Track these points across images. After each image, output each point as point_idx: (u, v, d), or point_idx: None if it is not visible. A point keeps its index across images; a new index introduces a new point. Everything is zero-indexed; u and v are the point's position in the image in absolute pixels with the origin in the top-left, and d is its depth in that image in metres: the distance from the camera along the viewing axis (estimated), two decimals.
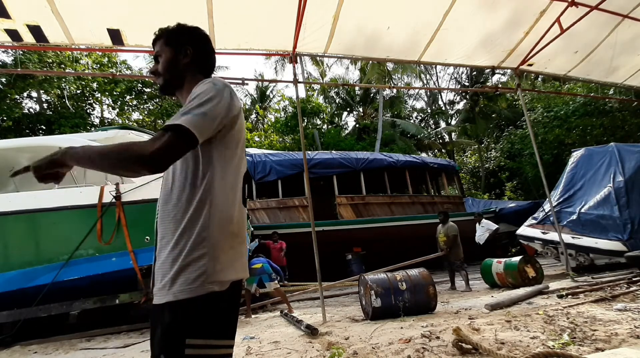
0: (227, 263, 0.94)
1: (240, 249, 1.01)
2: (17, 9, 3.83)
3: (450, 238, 6.75)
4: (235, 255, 0.98)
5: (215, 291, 0.90)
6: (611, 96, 12.45)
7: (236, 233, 0.99)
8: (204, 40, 1.17)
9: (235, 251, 0.99)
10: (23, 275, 4.94)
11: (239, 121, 1.03)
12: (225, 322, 0.94)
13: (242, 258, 1.01)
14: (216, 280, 0.91)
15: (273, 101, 27.90)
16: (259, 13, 4.45)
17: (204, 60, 1.16)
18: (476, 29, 5.45)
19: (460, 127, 26.03)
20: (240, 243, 1.01)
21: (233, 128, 1.01)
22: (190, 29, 1.16)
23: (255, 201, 10.64)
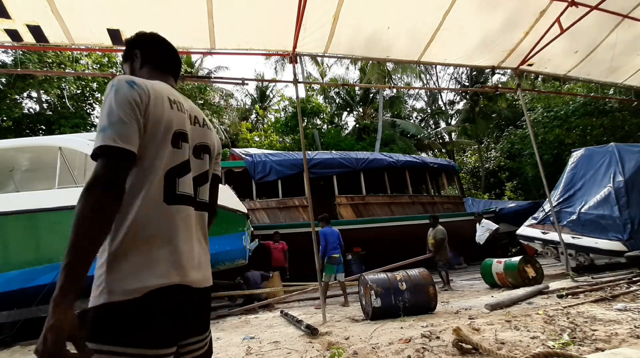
0: (133, 270, 0.85)
1: (161, 252, 0.90)
2: (17, 9, 3.83)
3: (437, 241, 7.07)
4: (151, 260, 0.88)
5: (119, 301, 0.83)
6: (611, 96, 12.46)
7: (154, 236, 0.90)
8: (150, 39, 1.16)
9: (152, 256, 0.89)
10: (23, 275, 4.94)
11: (150, 111, 0.93)
12: (138, 330, 0.83)
13: (163, 263, 0.89)
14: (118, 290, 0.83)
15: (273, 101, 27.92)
16: (259, 13, 4.45)
17: (154, 56, 1.14)
18: (476, 29, 5.45)
19: (460, 127, 26.03)
20: (161, 246, 0.90)
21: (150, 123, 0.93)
22: (135, 36, 1.16)
23: (255, 201, 10.64)
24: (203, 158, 1.10)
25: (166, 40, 1.20)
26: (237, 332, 4.40)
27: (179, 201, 0.96)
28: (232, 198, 6.10)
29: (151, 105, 0.93)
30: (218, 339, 4.06)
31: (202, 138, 1.10)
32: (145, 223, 0.89)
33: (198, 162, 1.07)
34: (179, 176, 0.97)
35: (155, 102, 0.95)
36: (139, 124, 0.90)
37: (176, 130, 0.98)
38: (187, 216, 0.98)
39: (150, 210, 0.90)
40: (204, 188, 1.09)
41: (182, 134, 1.00)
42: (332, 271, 5.91)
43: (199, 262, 1.00)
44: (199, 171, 1.07)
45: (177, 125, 0.99)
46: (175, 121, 0.99)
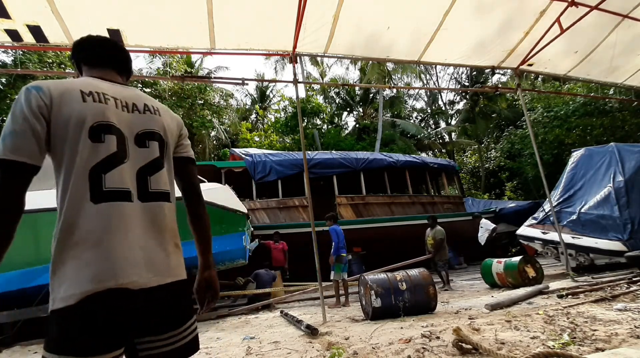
0: (68, 276, 0.86)
1: (90, 255, 0.87)
2: (17, 9, 3.83)
3: (437, 241, 7.09)
4: (80, 264, 0.86)
5: (59, 308, 0.85)
6: (611, 96, 12.46)
7: (83, 239, 0.87)
8: (81, 42, 1.14)
9: (81, 260, 0.86)
10: (23, 275, 4.94)
11: (54, 112, 0.90)
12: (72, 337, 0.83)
13: (94, 266, 0.86)
14: (57, 297, 0.86)
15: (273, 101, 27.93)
16: (259, 13, 4.45)
17: (87, 56, 1.12)
18: (476, 28, 5.45)
19: (460, 127, 26.04)
20: (90, 249, 0.87)
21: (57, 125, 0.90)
22: (72, 45, 1.17)
23: (255, 201, 10.64)
24: (149, 146, 1.03)
25: (99, 37, 1.16)
26: (237, 332, 4.40)
27: (107, 198, 0.91)
28: (232, 198, 6.10)
29: (55, 106, 0.90)
30: (218, 339, 4.06)
31: (144, 125, 1.03)
32: (72, 226, 0.88)
33: (142, 151, 1.01)
34: (105, 172, 0.92)
35: (61, 101, 0.91)
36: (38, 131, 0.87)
37: (93, 123, 0.93)
38: (122, 213, 0.92)
39: (75, 212, 0.89)
40: (157, 176, 1.02)
41: (104, 126, 0.94)
42: (340, 270, 5.94)
43: (147, 259, 0.94)
44: (145, 161, 1.01)
45: (94, 118, 0.93)
46: (91, 114, 0.93)
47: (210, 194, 5.73)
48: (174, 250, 1.03)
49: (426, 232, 7.45)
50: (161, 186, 1.03)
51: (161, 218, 1.01)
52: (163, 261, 0.98)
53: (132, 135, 1.00)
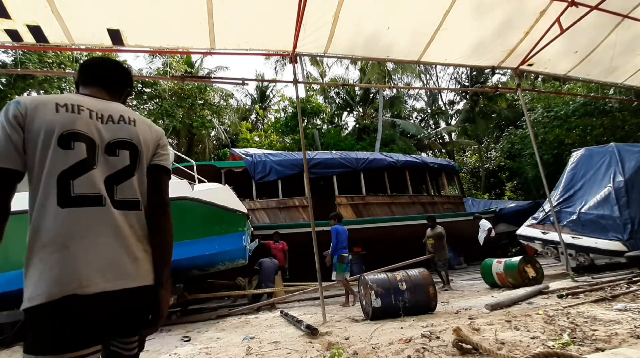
0: (35, 277, 0.89)
1: (54, 258, 0.90)
2: (17, 9, 3.83)
3: (436, 241, 7.11)
4: (45, 268, 0.89)
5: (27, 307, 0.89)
6: (611, 96, 12.45)
7: (49, 242, 0.91)
8: (80, 66, 1.22)
9: (46, 263, 0.89)
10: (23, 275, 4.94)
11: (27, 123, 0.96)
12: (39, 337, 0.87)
13: (56, 269, 0.89)
14: (26, 297, 0.90)
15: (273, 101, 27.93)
16: (259, 13, 4.45)
17: (81, 77, 1.19)
18: (476, 29, 5.45)
19: (460, 127, 26.04)
20: (55, 252, 0.90)
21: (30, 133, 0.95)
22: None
23: (255, 201, 10.64)
24: (119, 155, 1.06)
25: (94, 60, 1.23)
26: (237, 332, 4.40)
27: (75, 203, 0.95)
28: (232, 198, 6.10)
29: (29, 116, 0.96)
30: (218, 339, 4.06)
31: (116, 134, 1.07)
32: (39, 230, 0.92)
33: (112, 159, 1.04)
34: (74, 178, 0.96)
35: (35, 111, 0.97)
36: (15, 141, 0.93)
37: (63, 131, 0.97)
38: (93, 217, 0.96)
39: (43, 216, 0.92)
40: (126, 185, 1.05)
41: (72, 134, 0.98)
42: (342, 270, 5.94)
43: (113, 264, 0.97)
44: (114, 169, 1.04)
45: (63, 127, 0.98)
46: (60, 123, 0.98)
47: (210, 194, 5.73)
48: (143, 255, 1.04)
49: (426, 233, 7.48)
50: (128, 194, 1.05)
51: (129, 225, 1.03)
52: (129, 266, 1.00)
53: (103, 144, 1.04)
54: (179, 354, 3.55)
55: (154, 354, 3.70)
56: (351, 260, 9.98)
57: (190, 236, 5.44)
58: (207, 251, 5.54)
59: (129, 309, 0.99)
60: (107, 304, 0.94)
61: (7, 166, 0.92)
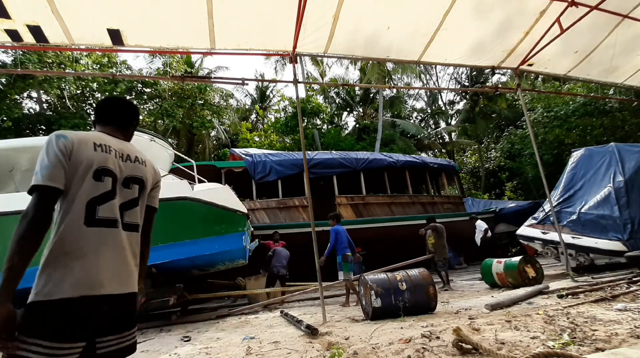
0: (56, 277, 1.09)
1: (75, 265, 1.12)
2: (17, 9, 3.83)
3: (437, 240, 7.11)
4: (66, 271, 1.10)
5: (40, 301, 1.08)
6: (611, 96, 12.45)
7: (70, 251, 1.12)
8: (98, 105, 1.48)
9: (67, 267, 1.11)
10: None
11: (73, 155, 1.19)
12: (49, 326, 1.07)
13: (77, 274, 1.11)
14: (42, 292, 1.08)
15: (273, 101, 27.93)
16: (259, 13, 4.45)
17: (99, 116, 1.45)
18: (476, 29, 5.45)
19: (460, 127, 26.04)
20: (75, 259, 1.12)
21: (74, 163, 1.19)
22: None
23: (255, 201, 10.64)
24: (132, 188, 1.33)
25: (108, 101, 1.49)
26: (237, 332, 4.40)
27: (98, 224, 1.19)
28: (232, 198, 6.10)
29: (74, 150, 1.20)
30: (218, 339, 4.06)
31: (132, 172, 1.34)
32: (65, 241, 1.13)
33: (126, 191, 1.31)
34: (100, 204, 1.21)
35: (79, 147, 1.21)
36: (64, 166, 1.16)
37: (97, 167, 1.22)
38: (108, 236, 1.21)
39: (70, 231, 1.15)
40: (132, 212, 1.32)
41: (104, 170, 1.24)
42: (348, 269, 5.93)
43: (117, 273, 1.20)
44: (126, 198, 1.30)
45: (99, 163, 1.23)
46: (97, 160, 1.23)
47: (210, 194, 5.73)
48: (134, 268, 1.30)
49: (427, 232, 7.46)
50: (132, 219, 1.32)
51: (130, 243, 1.28)
52: (127, 276, 1.25)
53: (122, 178, 1.30)
54: (179, 354, 3.55)
55: (154, 354, 3.70)
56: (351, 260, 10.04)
57: (190, 236, 5.45)
58: (207, 251, 5.54)
59: (123, 310, 1.23)
60: (109, 304, 1.16)
61: (56, 185, 1.14)
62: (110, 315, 1.18)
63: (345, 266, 5.96)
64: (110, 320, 1.18)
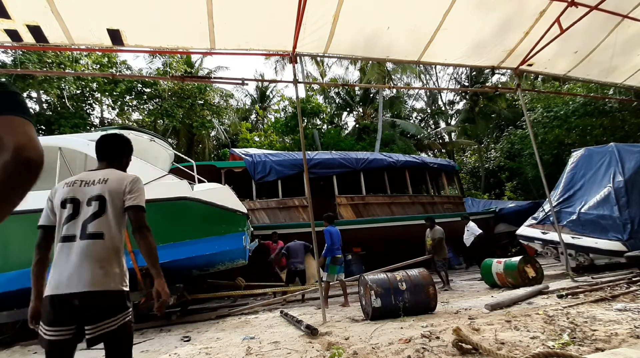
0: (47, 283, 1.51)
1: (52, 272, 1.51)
2: (17, 9, 3.83)
3: (436, 241, 7.14)
4: (49, 277, 1.51)
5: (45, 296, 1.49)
6: (611, 96, 12.46)
7: (54, 262, 1.53)
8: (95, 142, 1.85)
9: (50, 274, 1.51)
10: (23, 275, 4.93)
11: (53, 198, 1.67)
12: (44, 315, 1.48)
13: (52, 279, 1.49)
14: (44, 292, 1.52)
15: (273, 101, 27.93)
16: (259, 13, 4.45)
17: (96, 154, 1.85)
18: (476, 29, 5.46)
19: (460, 127, 26.04)
20: (53, 267, 1.52)
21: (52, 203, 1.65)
22: None
23: (255, 201, 10.64)
24: (92, 205, 1.59)
25: (100, 141, 1.82)
26: (237, 332, 4.40)
27: (63, 240, 1.55)
28: (232, 198, 6.09)
29: (52, 196, 1.67)
30: (218, 339, 4.06)
31: (92, 192, 1.63)
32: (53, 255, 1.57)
33: (88, 208, 1.59)
34: (65, 224, 1.57)
35: (56, 193, 1.66)
36: (49, 208, 1.65)
37: (62, 199, 1.61)
38: (66, 249, 1.52)
39: (55, 247, 1.57)
40: (96, 223, 1.57)
41: (66, 199, 1.61)
42: (335, 272, 5.91)
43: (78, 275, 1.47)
44: (87, 214, 1.58)
45: (64, 195, 1.62)
46: (64, 195, 1.62)
47: (210, 194, 5.72)
48: (99, 269, 1.51)
49: (426, 232, 7.49)
50: (94, 229, 1.56)
51: (91, 250, 1.52)
52: (90, 277, 1.48)
53: (85, 200, 1.61)
54: (179, 354, 3.55)
55: (154, 354, 3.70)
56: (351, 260, 10.04)
57: (190, 236, 5.44)
58: (207, 251, 5.54)
59: (92, 304, 1.46)
60: (70, 299, 1.45)
61: (48, 223, 1.63)
62: (80, 308, 1.44)
63: (332, 268, 5.91)
64: (81, 311, 1.45)
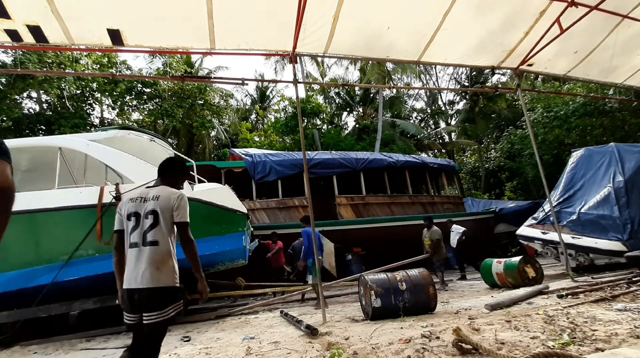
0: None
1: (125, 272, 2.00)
2: (17, 9, 3.83)
3: (434, 241, 7.18)
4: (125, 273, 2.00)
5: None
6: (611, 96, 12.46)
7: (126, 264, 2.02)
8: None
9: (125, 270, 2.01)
10: (23, 275, 4.94)
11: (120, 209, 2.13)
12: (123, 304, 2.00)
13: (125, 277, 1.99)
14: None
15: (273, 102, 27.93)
16: (259, 13, 4.45)
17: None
18: (476, 29, 5.45)
19: (460, 127, 26.04)
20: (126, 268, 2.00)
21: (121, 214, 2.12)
22: None
23: (255, 201, 10.64)
24: (149, 218, 2.02)
25: (164, 160, 2.33)
26: (237, 332, 4.40)
27: (130, 246, 2.02)
28: (232, 198, 6.09)
29: (120, 209, 2.12)
30: (218, 339, 4.06)
31: (148, 207, 2.04)
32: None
33: (146, 221, 2.02)
34: (131, 234, 2.03)
35: (123, 207, 2.11)
36: (119, 218, 2.11)
37: (129, 212, 2.06)
38: (133, 253, 1.99)
39: (126, 252, 2.05)
40: (151, 232, 1.99)
41: (131, 213, 2.05)
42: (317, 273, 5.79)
43: (140, 275, 1.92)
44: (146, 226, 2.01)
45: (130, 210, 2.06)
46: (129, 209, 2.07)
47: (210, 194, 5.72)
48: (155, 270, 1.94)
49: (423, 232, 7.50)
50: (154, 238, 2.00)
51: (149, 255, 1.96)
52: (148, 276, 1.93)
53: (144, 213, 2.04)
54: (179, 354, 3.55)
55: None
56: (351, 260, 10.04)
57: None
58: (207, 251, 5.53)
59: (143, 297, 1.92)
60: (134, 294, 1.93)
61: (121, 228, 2.10)
62: (139, 300, 1.91)
63: (314, 270, 5.67)
64: (140, 302, 1.91)
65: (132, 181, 5.39)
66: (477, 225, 12.29)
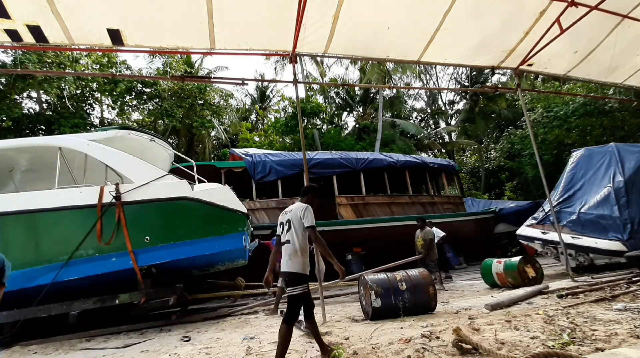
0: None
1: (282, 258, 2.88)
2: (17, 9, 3.83)
3: (427, 242, 7.16)
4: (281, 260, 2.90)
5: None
6: (611, 96, 12.46)
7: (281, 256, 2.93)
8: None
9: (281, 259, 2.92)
10: (23, 275, 4.94)
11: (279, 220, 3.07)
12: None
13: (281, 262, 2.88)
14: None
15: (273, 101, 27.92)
16: (259, 13, 4.45)
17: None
18: (476, 29, 5.46)
19: (460, 127, 26.04)
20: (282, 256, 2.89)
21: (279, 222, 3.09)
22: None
23: (255, 201, 10.63)
24: (287, 225, 2.90)
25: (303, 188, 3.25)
26: (237, 332, 4.40)
27: (283, 243, 2.88)
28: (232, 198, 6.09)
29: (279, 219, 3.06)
30: (218, 339, 4.06)
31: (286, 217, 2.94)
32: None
33: (286, 226, 2.90)
34: (282, 234, 2.93)
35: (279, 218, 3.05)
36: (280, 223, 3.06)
37: (280, 222, 3.00)
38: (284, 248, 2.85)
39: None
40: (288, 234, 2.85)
41: (283, 222, 2.96)
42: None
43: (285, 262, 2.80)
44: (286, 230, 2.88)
45: (280, 219, 3.01)
46: (280, 219, 3.02)
47: (210, 194, 5.72)
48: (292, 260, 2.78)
49: (416, 234, 7.49)
50: (289, 238, 2.84)
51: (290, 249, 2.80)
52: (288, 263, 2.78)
53: (286, 222, 2.92)
54: (179, 354, 3.55)
55: (154, 354, 3.71)
56: (350, 260, 10.03)
57: (190, 236, 5.44)
58: (207, 251, 5.54)
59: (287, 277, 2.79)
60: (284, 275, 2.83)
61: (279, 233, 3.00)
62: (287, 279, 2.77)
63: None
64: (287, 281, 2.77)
65: (132, 181, 5.39)
66: (477, 225, 12.30)
